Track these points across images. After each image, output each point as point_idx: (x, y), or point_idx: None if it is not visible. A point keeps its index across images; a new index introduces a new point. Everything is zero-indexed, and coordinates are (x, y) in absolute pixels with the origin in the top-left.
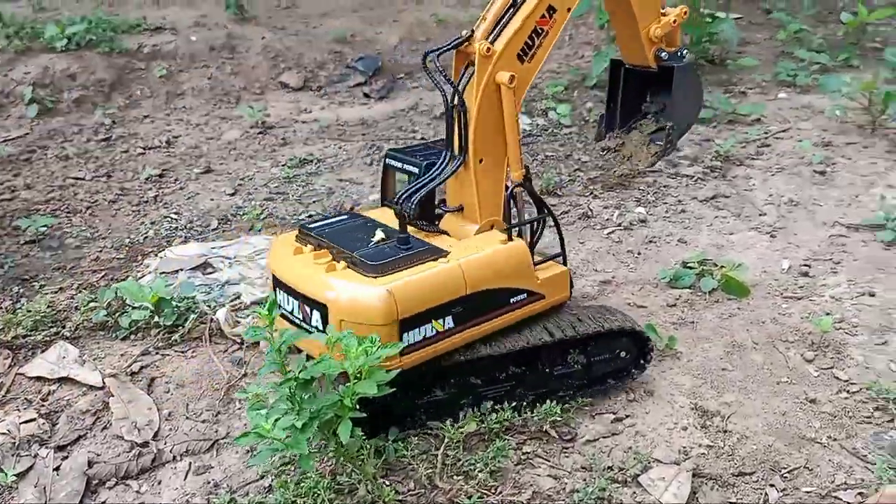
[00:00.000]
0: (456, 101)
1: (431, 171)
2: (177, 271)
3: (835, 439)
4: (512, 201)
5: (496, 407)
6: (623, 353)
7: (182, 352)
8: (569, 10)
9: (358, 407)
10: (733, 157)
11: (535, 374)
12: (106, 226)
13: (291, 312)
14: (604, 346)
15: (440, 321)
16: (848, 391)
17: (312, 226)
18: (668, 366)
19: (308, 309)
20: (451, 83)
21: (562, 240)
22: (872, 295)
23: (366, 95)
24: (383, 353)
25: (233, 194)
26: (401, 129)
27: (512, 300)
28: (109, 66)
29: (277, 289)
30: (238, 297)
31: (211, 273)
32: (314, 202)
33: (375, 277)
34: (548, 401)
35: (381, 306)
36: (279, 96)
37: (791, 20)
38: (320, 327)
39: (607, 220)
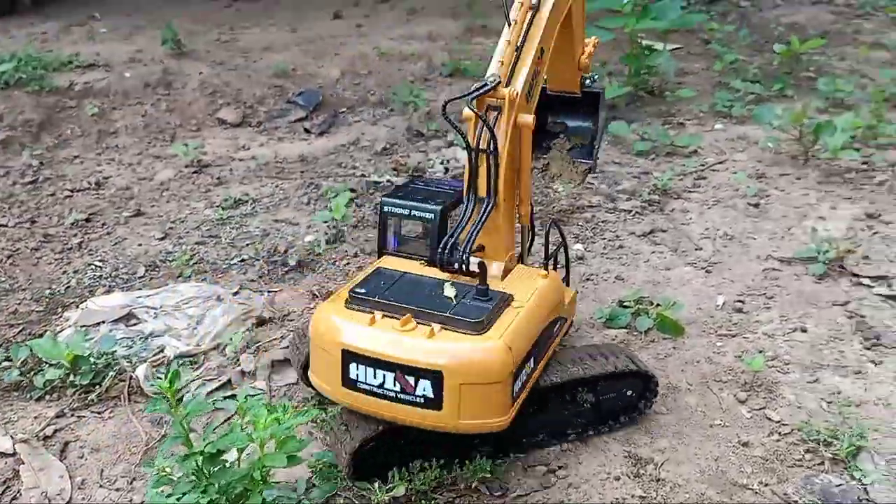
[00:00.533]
0: (489, 146)
1: (462, 217)
2: (98, 324)
3: (766, 485)
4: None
5: (424, 465)
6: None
7: (99, 413)
8: (550, 49)
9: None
10: (671, 191)
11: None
12: (26, 276)
13: (381, 386)
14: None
15: (529, 364)
16: (780, 433)
17: (362, 290)
18: None
19: (412, 379)
20: (488, 127)
21: (568, 262)
22: (804, 330)
23: (306, 131)
24: (294, 421)
25: (162, 238)
26: (341, 166)
27: (554, 329)
28: (38, 106)
29: (354, 363)
30: (161, 351)
31: (134, 325)
32: (247, 245)
33: (482, 334)
34: (478, 456)
35: (502, 361)
36: (216, 133)
37: (727, 51)
38: (430, 395)
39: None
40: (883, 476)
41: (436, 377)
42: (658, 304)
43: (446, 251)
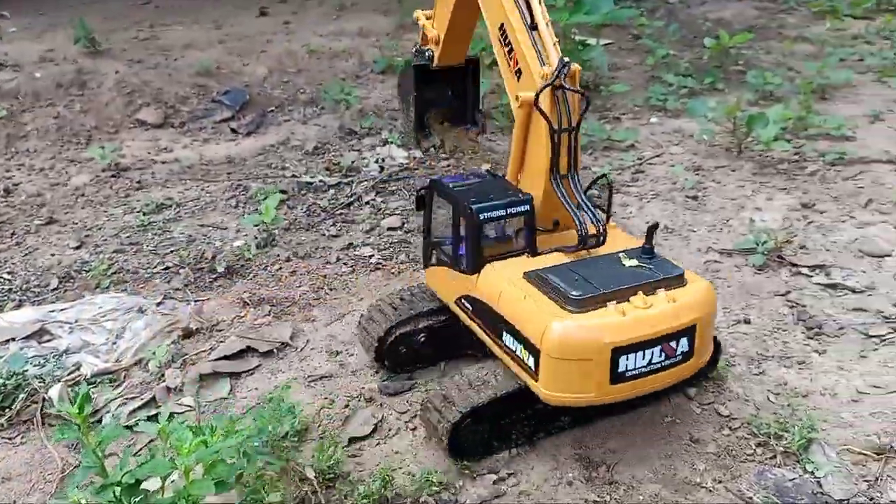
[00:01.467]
0: (570, 124)
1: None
2: (7, 341)
3: (720, 482)
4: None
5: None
6: None
7: (10, 438)
8: None
9: None
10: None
11: None
12: None
13: (649, 363)
14: None
15: None
16: (730, 427)
17: (577, 293)
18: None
19: (674, 343)
20: (564, 107)
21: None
22: (748, 322)
23: (233, 131)
24: (223, 444)
25: (78, 247)
26: (270, 167)
27: None
28: None
29: (623, 356)
30: (77, 369)
31: (47, 341)
32: (171, 252)
33: (687, 283)
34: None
35: (714, 293)
36: (136, 135)
37: (658, 45)
38: (685, 349)
39: None
40: (835, 468)
41: (690, 330)
42: None
43: (588, 237)
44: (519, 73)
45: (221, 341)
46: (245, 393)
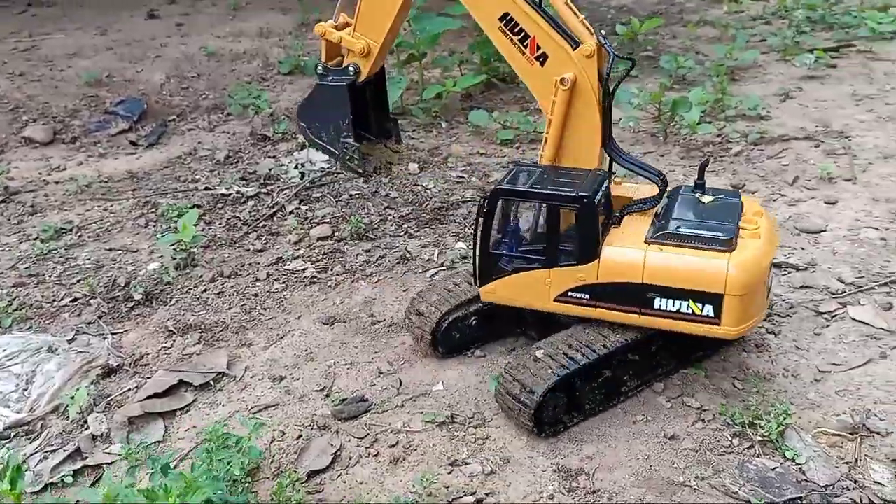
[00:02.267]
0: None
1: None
2: None
3: (703, 479)
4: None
5: None
6: None
7: None
8: None
9: None
10: None
11: None
12: None
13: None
14: None
15: None
16: (703, 420)
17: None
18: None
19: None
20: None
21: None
22: None
23: (133, 143)
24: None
25: None
26: (179, 180)
27: None
28: None
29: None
30: None
31: None
32: (78, 281)
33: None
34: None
35: None
36: (23, 154)
37: None
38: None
39: (428, 260)
40: (814, 452)
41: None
42: None
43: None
44: (543, 57)
45: (148, 377)
46: (182, 433)
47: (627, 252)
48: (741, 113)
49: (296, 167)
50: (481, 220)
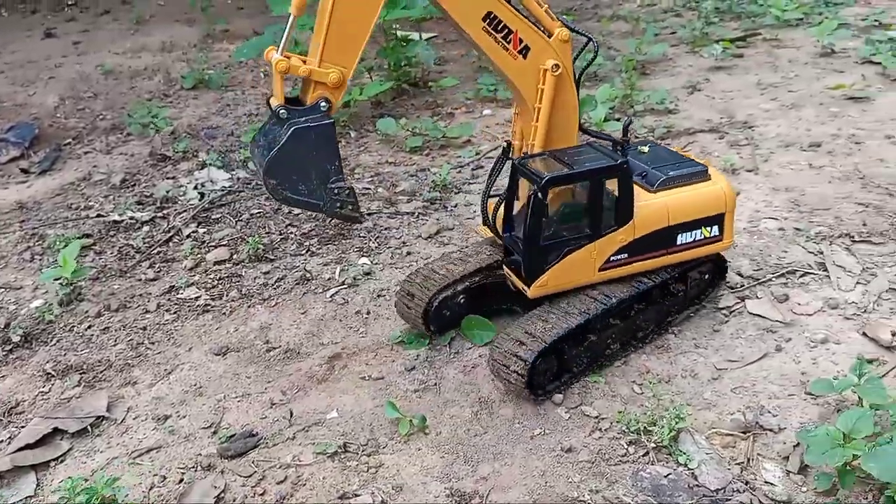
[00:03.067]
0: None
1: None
2: None
3: (597, 491)
4: None
5: None
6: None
7: None
8: None
9: None
10: (451, 185)
11: None
12: None
13: None
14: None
15: None
16: (601, 429)
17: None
18: (416, 446)
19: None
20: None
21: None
22: None
23: (24, 171)
24: None
25: None
26: (71, 208)
27: None
28: None
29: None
30: None
31: None
32: None
33: None
34: None
35: None
36: None
37: None
38: None
39: (329, 279)
40: (707, 455)
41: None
42: None
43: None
44: (525, 49)
45: (22, 426)
46: (56, 485)
47: (651, 203)
48: (649, 107)
49: (195, 188)
50: (534, 219)
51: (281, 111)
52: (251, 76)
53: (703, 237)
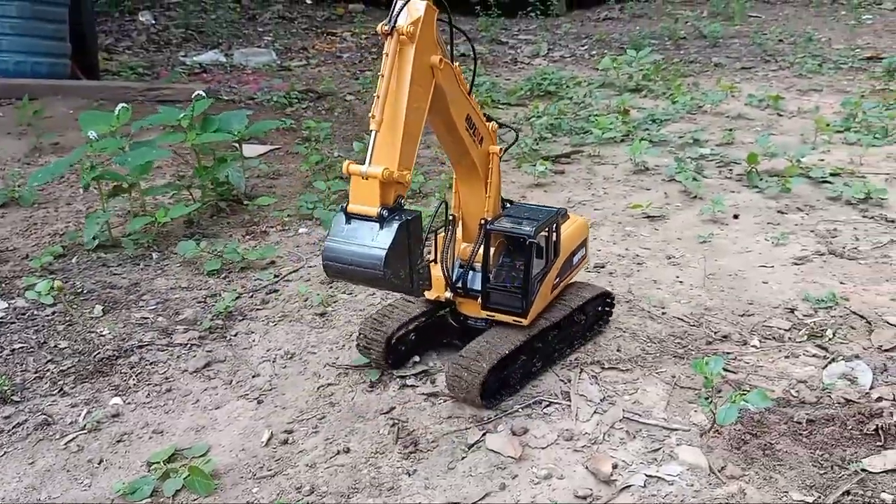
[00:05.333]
0: None
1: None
2: None
3: None
4: None
5: None
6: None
7: None
8: None
9: None
10: (238, 312)
11: None
12: None
13: None
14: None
15: None
16: None
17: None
18: None
19: None
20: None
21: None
22: (347, 451)
23: None
24: None
25: None
26: None
27: None
28: None
29: None
30: None
31: None
32: None
33: None
34: None
35: None
36: None
37: (313, 151)
38: None
39: (71, 423)
40: None
41: None
42: (194, 457)
43: None
44: (481, 139)
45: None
46: None
47: (563, 237)
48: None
49: None
50: (528, 262)
51: (384, 212)
52: (69, 192)
53: (581, 257)
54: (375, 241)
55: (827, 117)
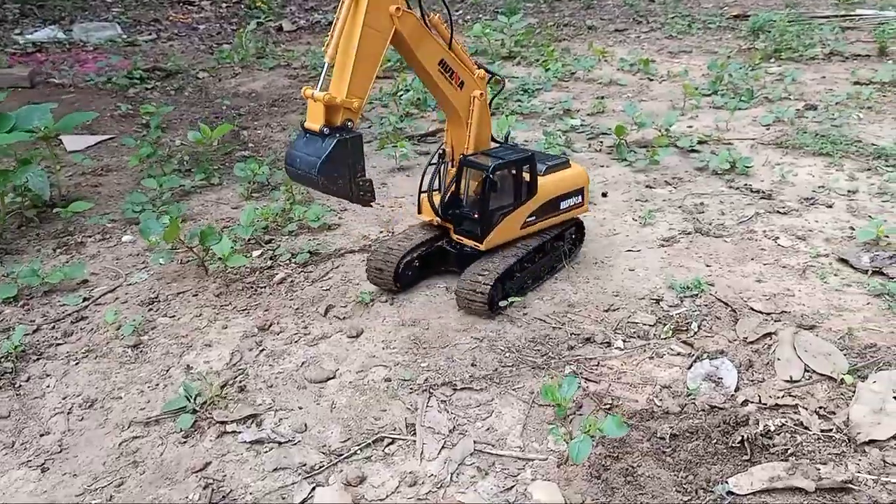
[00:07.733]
0: None
1: None
2: None
3: None
4: None
5: None
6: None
7: None
8: None
9: None
10: (33, 349)
11: None
12: None
13: None
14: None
15: None
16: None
17: (548, 163)
18: None
19: None
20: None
21: None
22: None
23: None
24: None
25: None
26: None
27: None
28: None
29: None
30: None
31: None
32: None
33: None
34: None
35: None
36: None
37: (144, 143)
38: None
39: None
40: None
41: None
42: None
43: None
44: (461, 84)
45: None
46: None
47: (546, 182)
48: (306, 226)
49: None
50: (486, 194)
51: (325, 129)
52: None
53: (572, 203)
54: (316, 152)
55: (695, 81)
